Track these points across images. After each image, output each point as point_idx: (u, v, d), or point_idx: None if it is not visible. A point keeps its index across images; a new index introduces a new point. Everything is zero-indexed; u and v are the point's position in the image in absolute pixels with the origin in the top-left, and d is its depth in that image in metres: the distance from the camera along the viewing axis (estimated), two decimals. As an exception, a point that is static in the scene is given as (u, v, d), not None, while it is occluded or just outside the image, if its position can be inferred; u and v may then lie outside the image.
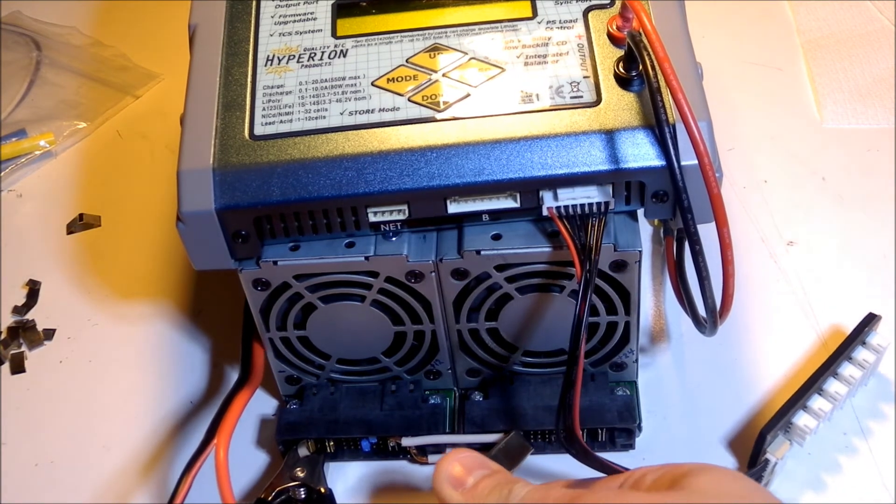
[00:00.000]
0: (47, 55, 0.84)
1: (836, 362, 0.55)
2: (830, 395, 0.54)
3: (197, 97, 0.51)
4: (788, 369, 0.59)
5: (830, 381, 0.55)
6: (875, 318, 0.56)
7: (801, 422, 0.53)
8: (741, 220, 0.67)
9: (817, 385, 0.54)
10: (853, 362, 0.55)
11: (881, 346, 0.56)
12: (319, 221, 0.49)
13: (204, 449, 0.52)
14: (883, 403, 0.57)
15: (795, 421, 0.53)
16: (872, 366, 0.56)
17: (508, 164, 0.48)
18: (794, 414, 0.53)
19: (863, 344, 0.56)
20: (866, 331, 0.56)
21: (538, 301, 0.52)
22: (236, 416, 0.54)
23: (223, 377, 0.63)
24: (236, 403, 0.54)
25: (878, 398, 0.57)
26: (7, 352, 0.65)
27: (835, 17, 0.80)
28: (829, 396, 0.54)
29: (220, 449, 0.51)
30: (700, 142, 0.44)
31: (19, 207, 0.75)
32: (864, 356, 0.55)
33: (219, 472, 0.50)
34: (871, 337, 0.56)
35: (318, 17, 0.54)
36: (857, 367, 0.55)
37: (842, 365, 0.55)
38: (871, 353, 0.55)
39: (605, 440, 0.56)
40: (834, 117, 0.73)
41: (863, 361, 0.55)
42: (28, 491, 0.59)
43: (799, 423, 0.53)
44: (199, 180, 0.48)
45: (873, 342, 0.56)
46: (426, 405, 0.56)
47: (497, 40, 0.52)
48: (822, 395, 0.54)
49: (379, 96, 0.50)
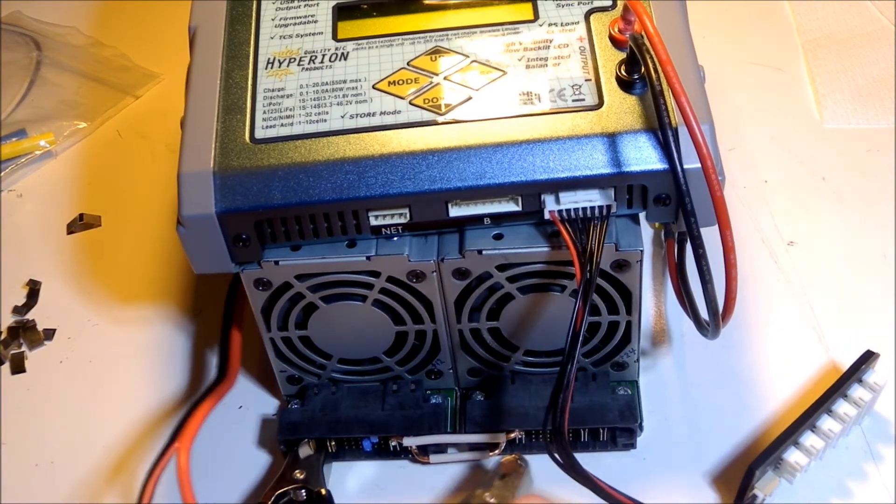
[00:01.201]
0: (47, 55, 0.84)
1: (831, 399, 0.53)
2: (824, 433, 0.52)
3: (197, 100, 0.51)
4: (788, 370, 0.59)
5: (824, 417, 0.53)
6: (873, 355, 0.55)
7: (793, 458, 0.52)
8: (742, 220, 0.67)
9: (810, 421, 0.52)
10: (849, 400, 0.54)
11: (878, 384, 0.54)
12: (320, 225, 0.49)
13: (164, 454, 0.52)
14: (879, 443, 0.55)
15: (786, 457, 0.52)
16: (868, 404, 0.54)
17: (510, 167, 0.48)
18: (786, 450, 0.52)
19: (859, 381, 0.54)
20: (863, 368, 0.54)
21: (540, 301, 0.52)
22: (200, 421, 0.54)
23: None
24: (202, 408, 0.54)
25: (874, 438, 0.56)
26: (7, 352, 0.65)
27: (835, 17, 0.80)
28: (822, 434, 0.52)
29: (182, 453, 0.51)
30: (703, 145, 0.44)
31: (19, 207, 0.75)
32: (860, 394, 0.54)
33: (181, 478, 0.50)
34: (868, 375, 0.54)
35: (319, 19, 0.54)
36: (853, 405, 0.53)
37: (837, 402, 0.53)
38: (867, 392, 0.54)
39: (607, 440, 0.56)
40: (834, 117, 0.73)
41: (858, 399, 0.53)
42: (28, 491, 0.59)
43: (790, 459, 0.52)
44: (199, 184, 0.48)
45: (870, 380, 0.54)
46: (427, 405, 0.56)
47: (498, 43, 0.52)
48: (814, 433, 0.52)
49: (380, 99, 0.50)
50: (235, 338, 0.60)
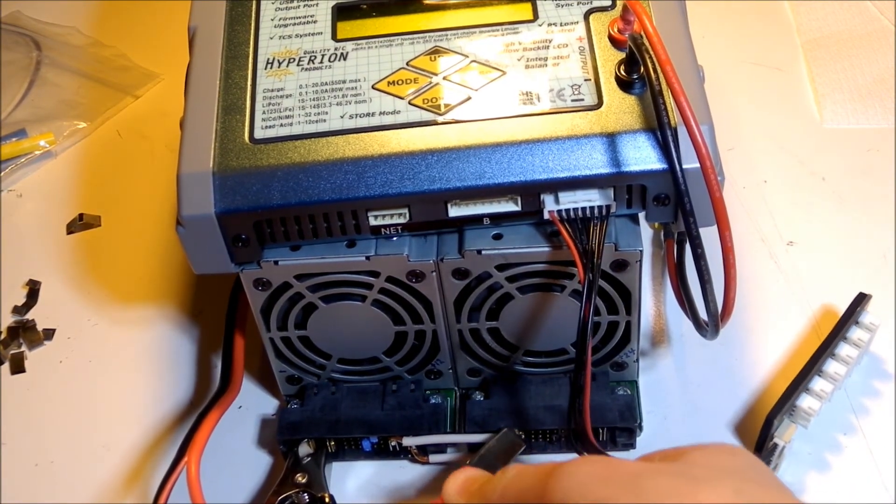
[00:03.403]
0: (47, 55, 0.84)
1: (833, 343, 0.56)
2: (830, 376, 0.55)
3: (197, 100, 0.51)
4: (788, 369, 0.59)
5: (829, 361, 0.56)
6: (865, 297, 0.57)
7: (805, 404, 0.54)
8: (741, 220, 0.67)
9: (817, 367, 0.55)
10: (849, 342, 0.56)
11: (874, 324, 0.57)
12: (320, 225, 0.49)
13: (175, 467, 0.52)
14: (877, 381, 0.58)
15: (799, 403, 0.54)
16: (867, 344, 0.57)
17: (510, 167, 0.48)
18: (798, 397, 0.54)
19: (856, 323, 0.57)
20: (858, 310, 0.57)
21: (539, 301, 0.52)
22: (208, 433, 0.54)
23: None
24: (208, 420, 0.55)
25: (872, 376, 0.58)
26: (7, 352, 0.65)
27: (835, 17, 0.80)
28: (828, 377, 0.55)
29: (192, 465, 0.52)
30: (702, 145, 0.44)
31: (19, 207, 0.75)
32: (858, 335, 0.57)
33: (191, 489, 0.51)
34: (863, 316, 0.57)
35: (319, 19, 0.54)
36: (853, 347, 0.56)
37: (838, 345, 0.56)
38: (864, 332, 0.57)
39: (606, 439, 0.56)
40: (834, 117, 0.73)
41: (858, 340, 0.56)
42: (28, 491, 0.59)
43: (803, 405, 0.54)
44: (199, 184, 0.48)
45: (866, 321, 0.57)
46: (427, 405, 0.56)
47: (498, 43, 0.52)
48: (821, 377, 0.55)
49: (379, 99, 0.50)
50: (238, 346, 0.60)
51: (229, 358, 0.59)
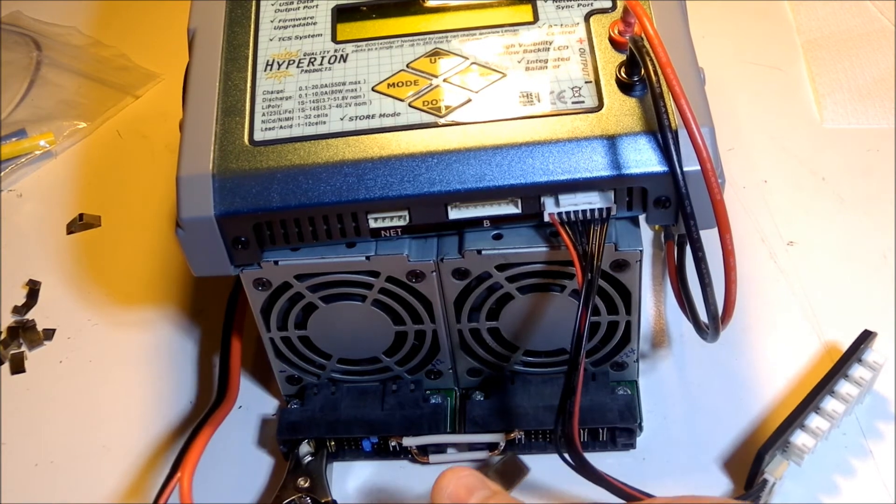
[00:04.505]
0: (47, 55, 0.84)
1: (833, 380, 0.54)
2: (828, 414, 0.54)
3: (196, 102, 0.51)
4: (788, 369, 0.59)
5: (828, 399, 0.54)
6: (871, 334, 0.56)
7: (800, 441, 0.53)
8: (741, 220, 0.67)
9: (814, 403, 0.53)
10: (850, 380, 0.55)
11: (877, 363, 0.55)
12: (319, 228, 0.49)
13: (168, 483, 0.52)
14: (880, 422, 0.56)
15: (793, 440, 0.53)
16: (869, 383, 0.55)
17: (510, 169, 0.48)
18: (792, 433, 0.53)
19: (859, 361, 0.55)
20: (862, 347, 0.55)
21: (539, 301, 0.52)
22: (201, 448, 0.54)
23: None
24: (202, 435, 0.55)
25: (875, 416, 0.56)
26: (7, 352, 0.65)
27: (835, 17, 0.80)
28: (826, 415, 0.54)
29: (185, 482, 0.52)
30: (703, 148, 0.44)
31: (19, 207, 0.75)
32: (860, 374, 0.55)
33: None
34: (867, 354, 0.55)
35: (318, 21, 0.54)
36: (854, 385, 0.54)
37: (839, 383, 0.54)
38: (867, 371, 0.55)
39: (606, 439, 0.56)
40: (834, 117, 0.73)
41: (859, 379, 0.55)
42: (28, 491, 0.59)
43: (797, 442, 0.53)
44: (198, 186, 0.48)
45: (869, 359, 0.55)
46: (427, 405, 0.56)
47: (498, 45, 0.52)
48: (819, 414, 0.54)
49: (379, 101, 0.50)
50: (235, 356, 0.60)
51: (226, 369, 0.59)
